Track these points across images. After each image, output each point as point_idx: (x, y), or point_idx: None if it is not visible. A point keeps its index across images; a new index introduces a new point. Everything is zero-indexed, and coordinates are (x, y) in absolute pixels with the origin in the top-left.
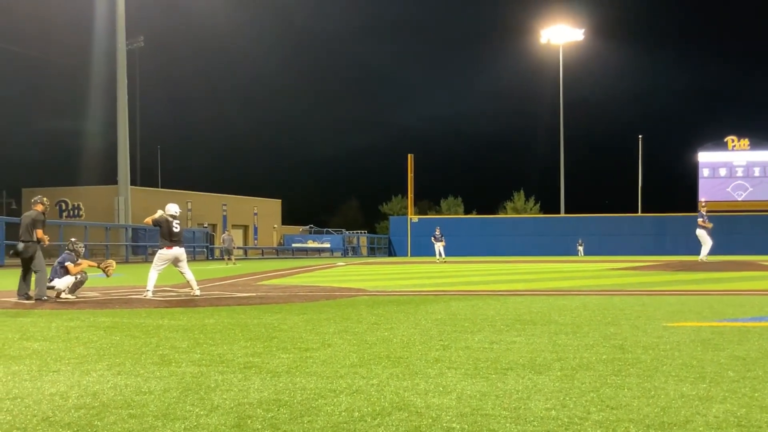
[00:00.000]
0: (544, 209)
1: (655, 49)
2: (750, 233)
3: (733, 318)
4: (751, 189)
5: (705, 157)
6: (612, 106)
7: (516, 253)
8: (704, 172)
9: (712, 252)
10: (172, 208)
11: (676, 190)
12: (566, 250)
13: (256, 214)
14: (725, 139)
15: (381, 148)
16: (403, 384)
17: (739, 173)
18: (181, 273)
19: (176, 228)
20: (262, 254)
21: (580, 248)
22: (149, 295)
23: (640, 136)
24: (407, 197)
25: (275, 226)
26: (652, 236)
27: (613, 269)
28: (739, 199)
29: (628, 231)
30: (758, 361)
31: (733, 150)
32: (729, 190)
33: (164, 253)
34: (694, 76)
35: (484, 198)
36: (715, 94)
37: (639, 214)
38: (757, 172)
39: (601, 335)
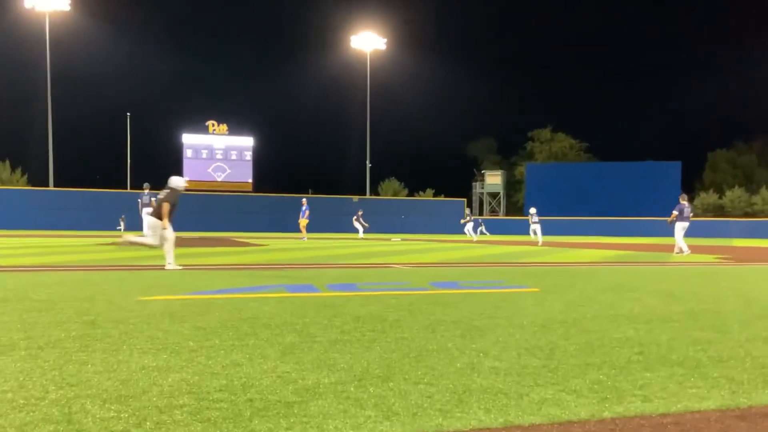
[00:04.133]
0: (32, 182)
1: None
2: (226, 212)
3: (201, 291)
4: (229, 171)
5: (189, 139)
6: (102, 83)
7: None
8: (188, 153)
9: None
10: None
11: (165, 168)
12: (57, 224)
13: None
14: (206, 123)
15: None
16: None
17: (219, 156)
18: None
19: None
20: None
21: (123, 224)
22: None
23: (128, 114)
24: None
25: None
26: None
27: (99, 244)
28: (219, 179)
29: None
30: (216, 331)
31: (213, 134)
32: (210, 170)
33: None
34: (179, 59)
35: None
36: (198, 79)
37: (129, 190)
38: (234, 155)
39: (74, 311)
